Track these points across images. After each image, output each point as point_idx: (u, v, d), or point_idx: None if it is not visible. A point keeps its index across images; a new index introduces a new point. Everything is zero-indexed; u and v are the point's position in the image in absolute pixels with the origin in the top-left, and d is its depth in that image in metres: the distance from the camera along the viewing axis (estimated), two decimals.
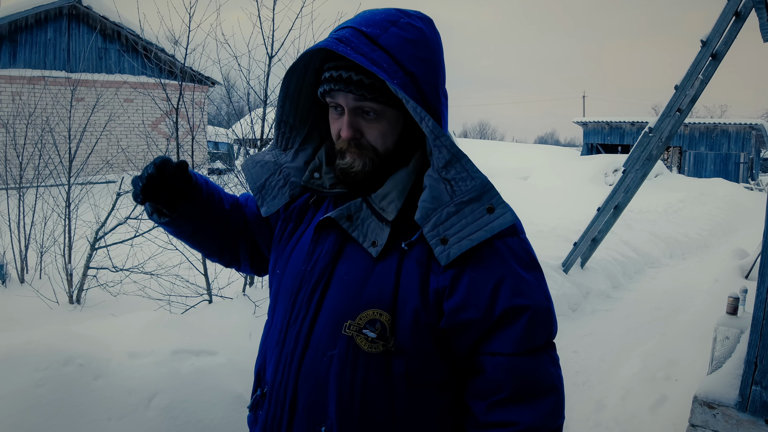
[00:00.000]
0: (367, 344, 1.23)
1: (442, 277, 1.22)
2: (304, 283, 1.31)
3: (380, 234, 1.24)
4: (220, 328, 3.64)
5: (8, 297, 6.14)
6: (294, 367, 1.29)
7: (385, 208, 1.26)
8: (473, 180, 1.20)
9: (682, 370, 4.63)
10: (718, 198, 16.16)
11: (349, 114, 1.25)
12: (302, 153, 1.42)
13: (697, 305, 6.82)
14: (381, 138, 1.26)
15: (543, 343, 1.24)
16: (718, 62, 6.41)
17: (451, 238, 1.18)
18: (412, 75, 1.21)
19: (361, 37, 1.21)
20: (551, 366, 1.25)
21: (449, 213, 1.20)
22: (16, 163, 7.44)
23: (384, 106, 1.24)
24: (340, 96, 1.24)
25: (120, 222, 5.92)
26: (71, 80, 8.12)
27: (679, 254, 10.70)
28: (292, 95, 1.38)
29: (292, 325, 1.31)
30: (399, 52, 1.21)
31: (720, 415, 2.79)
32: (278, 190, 1.38)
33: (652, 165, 7.16)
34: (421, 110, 1.17)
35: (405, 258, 1.25)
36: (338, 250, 1.30)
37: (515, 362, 1.21)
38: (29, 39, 15.78)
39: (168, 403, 2.92)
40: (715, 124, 28.11)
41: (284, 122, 1.41)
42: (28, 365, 2.87)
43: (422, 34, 1.25)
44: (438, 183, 1.21)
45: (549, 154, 26.31)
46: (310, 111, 1.42)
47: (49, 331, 3.20)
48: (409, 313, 1.23)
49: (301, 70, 1.34)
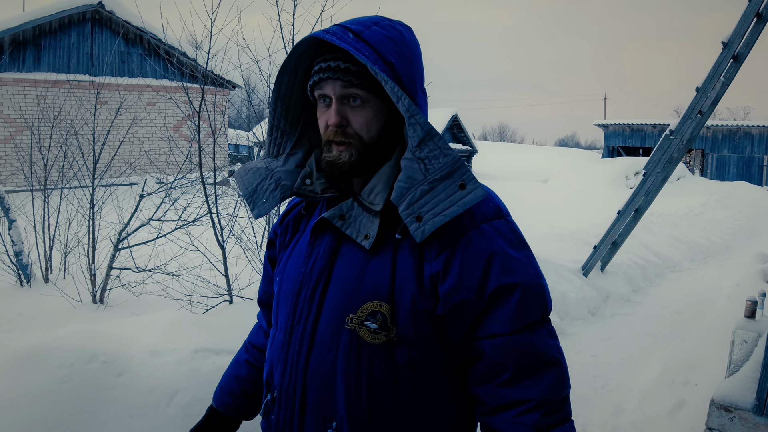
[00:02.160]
0: (369, 335, 1.27)
1: (435, 262, 1.27)
2: (305, 285, 1.36)
3: (371, 226, 1.29)
4: (240, 328, 3.67)
5: (33, 296, 6.26)
6: (301, 367, 1.33)
7: (373, 201, 1.31)
8: (445, 157, 1.25)
9: (701, 375, 4.60)
10: (740, 201, 15.93)
11: (337, 102, 1.30)
12: (293, 157, 1.46)
13: (717, 310, 6.76)
14: (366, 126, 1.31)
15: (539, 318, 1.29)
16: (739, 64, 6.36)
17: (426, 215, 1.23)
18: (391, 65, 1.28)
19: (347, 31, 1.29)
20: (549, 339, 1.29)
21: (423, 191, 1.24)
22: (41, 165, 7.58)
23: (369, 94, 1.30)
24: (328, 85, 1.30)
25: (143, 223, 6.01)
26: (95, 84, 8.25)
27: (701, 258, 10.59)
28: (283, 96, 1.44)
29: (296, 326, 1.35)
30: (380, 45, 1.28)
31: (737, 418, 2.78)
32: (269, 194, 1.42)
33: (673, 168, 7.11)
34: (398, 90, 1.23)
35: (399, 249, 1.30)
36: (335, 250, 1.35)
37: (514, 340, 1.25)
38: (53, 43, 16.04)
39: (189, 400, 2.97)
40: (738, 127, 27.76)
41: (276, 127, 1.46)
42: (53, 362, 2.94)
43: (401, 35, 1.33)
44: (412, 163, 1.26)
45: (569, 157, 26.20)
46: (300, 116, 1.47)
47: (73, 329, 3.27)
48: (407, 301, 1.27)
49: (291, 71, 1.41)
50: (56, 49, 16.09)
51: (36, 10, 15.69)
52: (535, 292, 1.28)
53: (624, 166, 18.98)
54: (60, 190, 7.35)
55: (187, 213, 5.94)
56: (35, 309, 5.82)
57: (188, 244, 5.45)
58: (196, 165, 5.19)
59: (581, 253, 7.84)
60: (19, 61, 15.45)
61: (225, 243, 5.07)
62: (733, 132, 27.66)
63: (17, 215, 6.95)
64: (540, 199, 15.09)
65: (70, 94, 10.40)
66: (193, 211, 5.91)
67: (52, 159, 7.60)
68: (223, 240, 5.06)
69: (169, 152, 6.22)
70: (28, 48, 15.61)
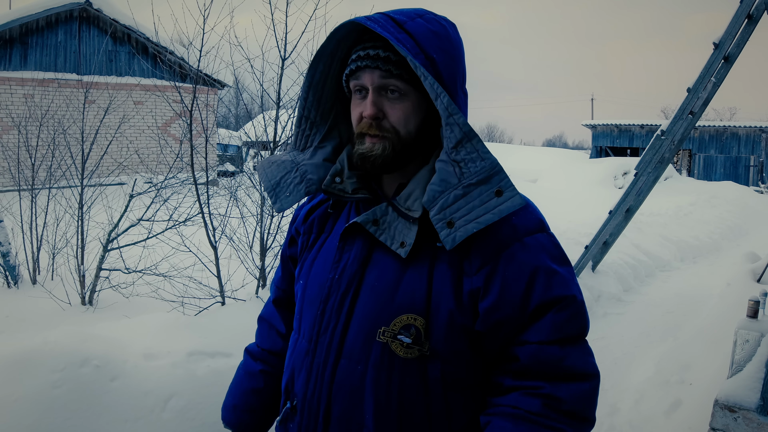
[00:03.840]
0: (402, 350, 1.21)
1: (475, 278, 1.21)
2: (333, 292, 1.29)
3: (408, 234, 1.22)
4: (233, 330, 3.64)
5: (21, 298, 6.16)
6: (327, 378, 1.27)
7: (411, 207, 1.24)
8: (483, 161, 1.19)
9: (696, 374, 4.61)
10: (728, 201, 16.04)
11: (373, 93, 1.24)
12: (321, 151, 1.39)
13: (709, 309, 6.79)
14: (404, 119, 1.25)
15: (576, 334, 1.24)
16: (730, 65, 6.39)
17: (458, 222, 1.17)
18: (433, 60, 1.22)
19: (390, 20, 1.23)
20: (584, 355, 1.24)
21: (456, 196, 1.18)
22: (28, 164, 7.48)
23: (408, 86, 1.24)
24: (366, 74, 1.24)
25: (133, 223, 5.94)
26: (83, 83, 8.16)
27: (690, 258, 10.65)
28: (316, 84, 1.36)
29: (323, 335, 1.29)
30: (423, 39, 1.22)
31: (741, 418, 2.78)
32: (294, 187, 1.35)
33: (665, 168, 7.13)
34: (438, 86, 1.17)
35: (437, 261, 1.23)
36: (366, 257, 1.28)
37: (549, 349, 1.21)
38: (40, 41, 15.86)
39: (184, 404, 2.93)
40: (725, 127, 27.98)
41: (305, 118, 1.39)
42: (45, 366, 2.89)
43: (446, 30, 1.27)
44: (447, 166, 1.20)
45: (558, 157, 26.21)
46: (332, 107, 1.40)
47: (65, 332, 3.22)
48: (443, 316, 1.21)
49: (327, 58, 1.33)
50: (43, 47, 15.92)
51: (23, 8, 15.51)
52: (576, 309, 1.24)
53: (613, 166, 19.05)
54: (48, 190, 7.25)
55: (178, 213, 5.87)
56: (23, 311, 5.74)
57: (179, 244, 5.38)
58: (187, 164, 5.13)
59: (572, 253, 7.83)
60: (6, 60, 15.27)
61: (217, 243, 5.02)
62: (720, 132, 27.88)
63: (4, 215, 6.86)
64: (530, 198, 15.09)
65: (58, 92, 10.28)
66: (184, 211, 5.85)
67: (39, 158, 7.51)
68: (216, 240, 5.00)
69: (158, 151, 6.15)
70: (15, 46, 15.44)
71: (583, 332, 1.26)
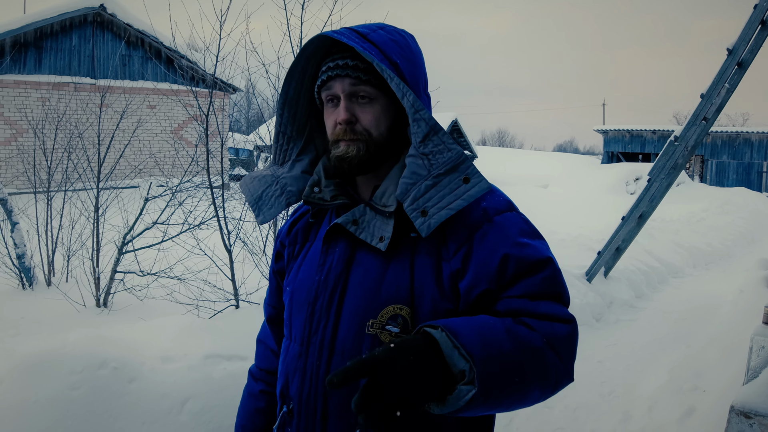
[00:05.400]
0: (391, 339, 1.26)
1: (453, 261, 1.28)
2: (320, 293, 1.35)
3: (386, 228, 1.28)
4: (248, 333, 3.66)
5: (36, 300, 6.23)
6: (321, 376, 1.31)
7: (386, 203, 1.30)
8: (449, 152, 1.25)
9: (710, 381, 4.59)
10: (741, 207, 15.95)
11: (345, 99, 1.31)
12: (299, 164, 1.46)
13: (722, 316, 6.75)
14: (375, 122, 1.32)
15: (552, 293, 1.27)
16: (743, 71, 6.37)
17: (431, 210, 1.22)
18: (396, 65, 1.30)
19: (354, 33, 1.31)
20: (559, 307, 1.27)
21: (427, 186, 1.24)
22: (44, 167, 7.56)
23: (377, 91, 1.32)
24: (337, 83, 1.32)
25: (148, 226, 5.99)
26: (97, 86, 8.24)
27: (703, 264, 10.59)
28: (290, 100, 1.44)
29: (314, 335, 1.33)
30: (385, 47, 1.31)
31: (757, 425, 2.77)
32: (275, 200, 1.42)
33: (678, 174, 7.11)
34: (403, 86, 1.24)
35: (416, 252, 1.29)
36: (350, 257, 1.34)
37: (519, 300, 1.24)
38: (54, 45, 16.02)
39: (201, 407, 2.95)
40: (737, 133, 27.82)
41: (282, 133, 1.46)
42: (63, 368, 2.91)
43: (405, 40, 1.37)
44: (416, 159, 1.26)
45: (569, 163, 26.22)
46: (307, 122, 1.48)
47: (82, 334, 3.25)
48: (427, 303, 1.27)
49: (299, 74, 1.41)
50: (57, 51, 16.07)
51: (37, 12, 15.67)
52: (551, 272, 1.28)
53: (624, 171, 18.98)
54: (63, 193, 7.33)
55: (193, 216, 5.92)
56: (39, 313, 5.80)
57: (194, 247, 5.43)
58: (203, 168, 5.17)
59: (584, 259, 7.83)
60: (21, 63, 15.42)
61: (232, 247, 5.05)
62: (732, 138, 27.72)
63: (20, 218, 6.93)
64: (541, 204, 15.07)
65: (73, 96, 10.37)
66: (199, 215, 5.89)
67: (55, 161, 7.58)
68: (230, 244, 5.04)
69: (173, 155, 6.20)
70: (30, 50, 15.59)
71: (560, 294, 1.29)
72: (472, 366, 1.05)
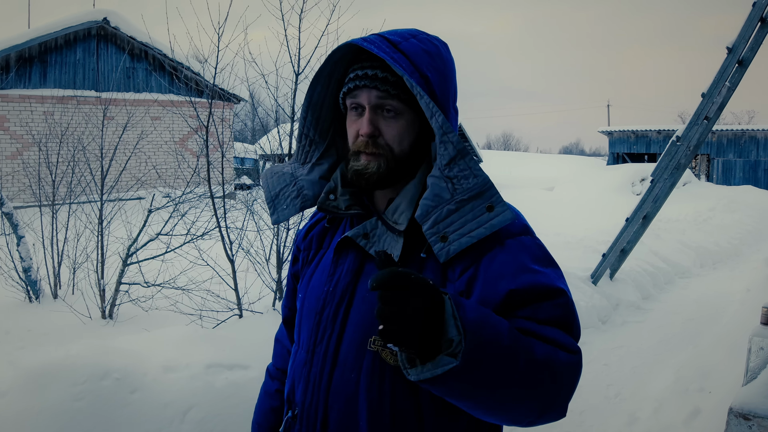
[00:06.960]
0: (392, 358, 1.23)
1: (458, 282, 1.24)
2: (328, 303, 1.34)
3: (395, 246, 1.26)
4: (251, 343, 3.68)
5: (42, 312, 6.27)
6: (323, 386, 1.31)
7: (397, 221, 1.28)
8: (475, 178, 1.22)
9: (716, 382, 4.57)
10: (748, 206, 15.88)
11: (370, 111, 1.28)
12: (318, 168, 1.45)
13: (729, 315, 6.73)
14: (398, 137, 1.29)
15: (559, 321, 1.22)
16: (744, 69, 6.36)
17: (451, 236, 1.20)
18: (427, 78, 1.26)
19: (385, 41, 1.27)
20: (566, 337, 1.21)
21: (449, 210, 1.21)
22: (49, 180, 7.61)
23: (403, 106, 1.28)
24: (363, 93, 1.28)
25: (151, 238, 6.02)
26: (101, 99, 8.29)
27: (710, 264, 10.55)
28: (315, 105, 1.41)
29: (319, 345, 1.33)
30: (416, 58, 1.26)
31: (756, 426, 2.75)
32: (290, 201, 1.41)
33: (681, 174, 7.10)
34: (433, 105, 1.21)
35: (423, 270, 1.27)
36: (358, 269, 1.33)
37: (524, 321, 1.19)
38: (59, 59, 16.13)
39: (203, 416, 2.96)
40: (743, 131, 27.70)
41: (305, 135, 1.44)
42: (67, 379, 2.93)
43: (438, 50, 1.32)
44: (440, 181, 1.23)
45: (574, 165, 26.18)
46: (330, 126, 1.45)
47: (86, 345, 3.27)
48: None
49: (325, 79, 1.39)
50: (62, 65, 16.19)
51: (41, 26, 15.79)
52: (563, 301, 1.23)
53: (630, 172, 18.96)
54: (68, 206, 7.37)
55: (196, 227, 5.94)
56: (45, 325, 5.83)
57: (197, 258, 5.45)
58: (204, 179, 5.20)
59: (590, 261, 7.81)
60: (26, 78, 15.54)
61: (234, 257, 5.07)
62: (738, 136, 27.60)
63: (26, 231, 6.97)
64: (546, 206, 15.06)
65: (77, 110, 10.44)
66: (202, 225, 5.92)
67: (60, 174, 7.63)
68: (233, 254, 5.06)
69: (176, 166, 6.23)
70: (34, 64, 15.71)
71: (570, 326, 1.23)
72: (462, 340, 1.03)
